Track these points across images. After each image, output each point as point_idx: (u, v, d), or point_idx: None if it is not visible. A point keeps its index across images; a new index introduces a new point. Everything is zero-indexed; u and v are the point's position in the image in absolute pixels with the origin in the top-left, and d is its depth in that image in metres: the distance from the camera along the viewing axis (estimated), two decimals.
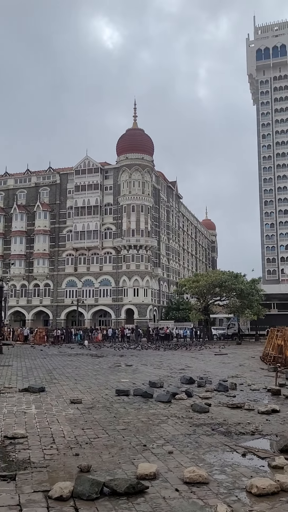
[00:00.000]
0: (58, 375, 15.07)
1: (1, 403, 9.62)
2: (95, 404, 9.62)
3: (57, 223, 62.71)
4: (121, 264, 58.48)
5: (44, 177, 65.02)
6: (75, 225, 60.88)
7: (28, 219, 63.81)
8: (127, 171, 59.05)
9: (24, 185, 65.76)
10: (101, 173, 61.37)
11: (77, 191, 61.47)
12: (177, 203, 77.29)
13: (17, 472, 5.19)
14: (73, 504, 4.32)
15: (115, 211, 60.54)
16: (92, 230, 60.16)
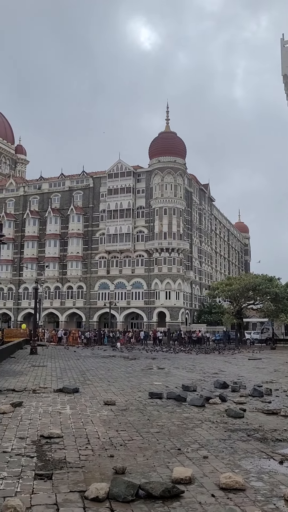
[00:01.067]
0: (91, 377, 15.21)
1: (37, 403, 9.79)
2: (129, 406, 9.64)
3: (90, 226, 63.45)
4: (153, 267, 58.53)
5: (77, 181, 65.96)
6: (108, 228, 61.41)
7: (62, 222, 64.87)
8: (160, 174, 59.12)
9: (58, 189, 66.91)
10: (133, 177, 61.69)
11: (109, 194, 62.02)
12: (210, 206, 76.72)
13: (53, 472, 5.26)
14: (109, 505, 4.33)
15: (147, 214, 60.71)
16: (124, 233, 60.52)
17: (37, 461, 5.67)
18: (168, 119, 62.73)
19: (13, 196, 69.69)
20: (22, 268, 66.38)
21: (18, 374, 15.79)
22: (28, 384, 12.94)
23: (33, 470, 5.30)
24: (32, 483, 4.88)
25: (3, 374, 14.68)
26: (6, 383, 13.02)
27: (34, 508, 4.20)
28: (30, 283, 63.94)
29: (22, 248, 66.90)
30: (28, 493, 4.56)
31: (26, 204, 67.98)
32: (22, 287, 66.47)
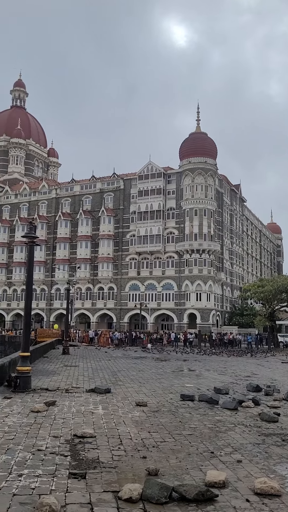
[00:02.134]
0: (122, 377, 15.27)
1: (69, 402, 9.91)
2: (160, 407, 9.62)
3: (120, 228, 63.84)
4: (184, 268, 58.30)
5: (108, 183, 66.52)
6: (138, 229, 61.61)
7: (93, 224, 65.56)
8: (190, 175, 58.88)
9: (89, 191, 67.68)
10: (163, 178, 61.68)
11: (140, 196, 62.23)
12: (241, 207, 75.81)
13: (87, 471, 5.31)
14: (143, 506, 4.33)
15: (177, 215, 60.56)
16: (154, 234, 60.57)
17: (71, 460, 5.73)
18: (198, 119, 62.46)
19: (46, 198, 70.97)
20: (54, 269, 67.47)
21: (51, 373, 16.03)
22: (61, 384, 13.12)
23: (67, 469, 5.36)
24: (66, 481, 4.94)
25: (36, 373, 14.93)
26: (39, 382, 13.23)
27: (69, 506, 4.25)
28: (62, 284, 64.93)
29: (54, 250, 68.01)
30: (63, 492, 4.61)
31: (58, 206, 69.10)
32: (54, 288, 67.55)
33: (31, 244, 12.70)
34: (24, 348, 12.16)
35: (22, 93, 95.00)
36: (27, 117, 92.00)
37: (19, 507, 4.16)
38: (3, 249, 72.48)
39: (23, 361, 11.82)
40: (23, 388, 11.34)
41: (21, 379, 11.45)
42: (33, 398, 10.44)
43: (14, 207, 73.51)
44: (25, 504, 4.24)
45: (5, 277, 71.83)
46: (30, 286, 12.61)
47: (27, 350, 12.20)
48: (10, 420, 7.88)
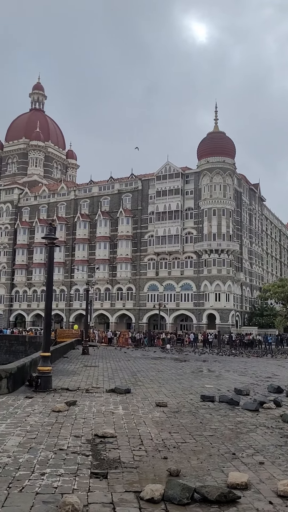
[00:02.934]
0: (142, 378, 15.28)
1: (90, 402, 9.97)
2: (180, 408, 9.60)
3: (139, 228, 63.94)
4: (202, 269, 58.06)
5: (126, 183, 66.72)
6: (157, 230, 61.61)
7: (111, 225, 65.83)
8: (208, 175, 58.60)
9: (107, 192, 68.00)
10: (181, 178, 61.55)
11: (158, 196, 62.23)
12: (260, 206, 75.08)
13: (108, 471, 5.33)
14: (164, 507, 4.33)
15: (196, 215, 60.35)
16: (173, 234, 60.49)
17: (92, 460, 5.77)
18: (216, 119, 62.12)
19: (65, 200, 71.59)
20: (73, 270, 67.99)
21: (71, 373, 16.15)
22: (81, 384, 13.21)
23: (89, 469, 5.39)
24: (88, 481, 4.97)
25: (57, 373, 15.07)
26: (60, 382, 13.35)
27: (91, 506, 4.27)
28: (81, 285, 65.39)
29: (73, 251, 68.53)
30: (85, 491, 4.64)
31: (77, 208, 69.61)
32: (73, 288, 68.06)
33: (51, 245, 12.82)
34: (45, 348, 12.28)
35: (40, 96, 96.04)
36: (45, 119, 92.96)
37: (42, 506, 4.20)
38: (23, 251, 73.38)
39: (44, 361, 11.95)
40: (44, 387, 11.46)
41: (42, 379, 11.57)
42: (54, 397, 10.54)
43: (33, 209, 74.35)
44: (48, 502, 4.28)
45: (25, 278, 72.70)
46: (50, 287, 12.74)
47: (48, 350, 12.32)
48: (32, 420, 7.98)
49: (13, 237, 74.87)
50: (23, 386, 12.01)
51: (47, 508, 4.15)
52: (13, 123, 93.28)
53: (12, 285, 74.19)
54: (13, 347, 49.97)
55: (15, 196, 76.75)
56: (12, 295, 74.15)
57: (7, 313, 73.79)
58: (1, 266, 75.81)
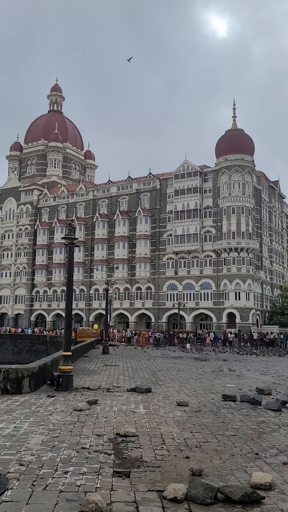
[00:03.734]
0: (162, 377, 15.28)
1: (111, 401, 10.01)
2: (202, 408, 9.56)
3: (157, 228, 63.89)
4: (222, 267, 57.67)
5: (144, 183, 66.73)
6: (175, 229, 61.47)
7: (130, 224, 65.95)
8: (227, 173, 58.16)
9: (125, 192, 68.13)
10: (200, 176, 61.25)
11: (176, 195, 62.07)
12: (280, 203, 74.19)
13: (131, 470, 5.34)
14: (188, 507, 4.31)
15: (214, 213, 59.98)
16: (192, 233, 60.25)
17: (115, 459, 5.78)
18: (235, 116, 61.60)
19: (83, 200, 72.03)
20: (93, 270, 68.36)
21: (92, 373, 16.25)
22: (102, 383, 13.28)
23: (111, 467, 5.41)
24: (111, 480, 4.99)
25: (78, 372, 15.17)
26: (81, 381, 13.44)
27: (114, 504, 4.28)
28: (100, 285, 65.72)
29: (92, 251, 68.91)
30: (108, 490, 4.66)
31: (96, 208, 69.97)
32: (93, 288, 68.45)
33: (71, 245, 12.91)
34: (66, 347, 12.38)
35: (58, 98, 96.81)
36: (64, 121, 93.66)
37: (66, 504, 4.24)
38: (43, 251, 74.14)
39: (65, 360, 12.05)
40: (66, 386, 11.56)
41: (64, 378, 11.67)
42: (76, 396, 10.62)
43: (52, 210, 75.03)
44: (72, 501, 4.32)
45: (45, 278, 73.43)
46: (70, 287, 12.83)
47: (69, 349, 12.42)
48: (54, 418, 8.05)
49: (33, 237, 75.71)
50: (45, 385, 12.14)
51: (70, 506, 4.18)
52: (32, 125, 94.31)
53: (33, 285, 75.05)
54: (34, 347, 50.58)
55: (35, 197, 77.59)
56: (33, 295, 75.00)
57: (28, 313, 74.69)
58: (22, 267, 76.75)
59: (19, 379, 10.81)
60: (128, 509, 4.20)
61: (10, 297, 77.17)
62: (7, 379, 10.70)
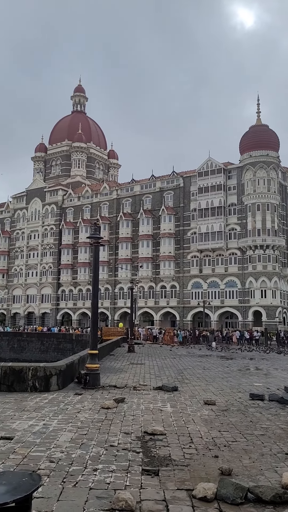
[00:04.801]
0: (189, 376, 15.22)
1: (138, 400, 10.04)
2: (229, 407, 9.48)
3: (181, 226, 63.68)
4: (247, 265, 57.04)
5: (168, 181, 66.60)
6: (199, 227, 61.13)
7: (154, 223, 65.95)
8: (251, 170, 57.47)
9: (149, 190, 68.16)
10: (224, 174, 60.71)
11: (200, 193, 61.70)
12: None
13: (159, 468, 5.34)
14: (218, 506, 4.28)
15: (239, 211, 59.36)
16: (216, 231, 59.80)
17: (143, 457, 5.80)
18: (259, 111, 60.80)
19: (107, 199, 72.44)
20: (117, 268, 68.69)
21: (118, 371, 16.34)
22: (128, 381, 13.33)
23: (140, 465, 5.43)
24: (140, 478, 5.00)
25: (104, 370, 15.27)
26: (107, 379, 13.53)
27: (144, 502, 4.29)
28: (125, 283, 66.00)
29: (117, 250, 69.24)
30: (137, 488, 4.68)
31: (119, 207, 70.25)
32: (117, 287, 68.79)
33: (96, 244, 13.00)
34: (92, 346, 12.48)
35: (82, 98, 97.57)
36: (87, 121, 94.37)
37: (96, 501, 4.27)
38: (68, 251, 74.94)
39: (92, 358, 12.15)
40: (93, 384, 11.66)
41: (91, 376, 11.77)
42: (103, 394, 10.70)
43: (77, 210, 75.74)
44: (102, 498, 4.35)
45: (71, 277, 74.22)
46: (96, 286, 12.92)
47: (96, 348, 12.51)
48: (82, 416, 8.13)
49: (58, 237, 76.62)
50: (72, 383, 12.27)
51: (101, 504, 4.22)
52: (56, 126, 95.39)
53: (58, 284, 75.96)
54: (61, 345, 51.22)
55: (59, 197, 78.48)
56: (59, 294, 75.93)
57: (54, 312, 75.67)
58: (48, 266, 77.78)
59: (47, 377, 10.96)
60: (158, 507, 4.20)
61: (37, 296, 78.34)
62: (35, 377, 10.86)
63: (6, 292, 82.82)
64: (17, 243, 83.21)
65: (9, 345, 58.63)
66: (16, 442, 6.22)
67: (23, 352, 54.06)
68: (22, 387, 10.76)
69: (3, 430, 6.88)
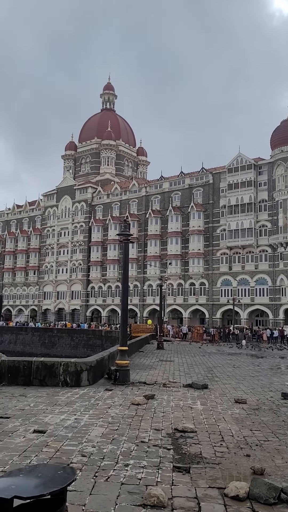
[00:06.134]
0: (219, 374, 15.12)
1: (168, 397, 10.04)
2: (261, 405, 9.36)
3: (210, 223, 63.13)
4: (278, 262, 56.01)
5: (197, 178, 66.09)
6: (229, 223, 60.44)
7: (182, 220, 65.63)
8: (283, 165, 56.32)
9: (178, 187, 67.84)
10: (254, 169, 59.75)
11: (230, 189, 60.95)
12: None
13: (190, 466, 5.33)
14: (250, 505, 4.24)
15: (270, 207, 58.31)
16: (246, 228, 58.97)
17: (174, 454, 5.80)
18: None
19: (136, 197, 72.56)
20: (146, 266, 68.78)
21: (148, 368, 16.38)
22: (157, 378, 13.35)
23: (171, 462, 5.43)
24: (171, 474, 5.00)
25: (133, 367, 15.34)
26: (137, 376, 13.59)
27: (175, 499, 4.29)
28: (153, 280, 66.01)
29: (146, 247, 69.30)
30: (168, 484, 4.68)
31: (148, 204, 70.25)
32: (146, 284, 68.90)
33: (126, 241, 13.06)
34: (122, 342, 12.56)
35: (111, 96, 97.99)
36: (116, 118, 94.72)
37: (128, 496, 4.30)
38: (97, 248, 75.55)
39: (122, 355, 12.22)
40: (122, 381, 11.74)
41: (121, 372, 11.85)
42: (133, 391, 10.75)
43: (106, 207, 76.21)
44: (133, 493, 4.37)
45: (100, 274, 74.81)
46: (126, 283, 12.99)
47: (125, 344, 12.59)
48: (112, 411, 8.20)
49: (87, 235, 77.32)
50: (102, 378, 12.39)
51: (132, 499, 4.24)
52: (85, 125, 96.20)
53: (88, 281, 76.72)
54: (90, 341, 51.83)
55: (89, 195, 79.14)
56: (88, 290, 76.70)
57: (84, 308, 76.52)
58: (77, 263, 78.68)
59: (78, 372, 11.10)
60: (190, 504, 4.20)
61: (67, 293, 79.39)
62: (66, 372, 11.02)
63: (37, 289, 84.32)
64: (47, 240, 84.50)
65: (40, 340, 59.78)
66: (49, 436, 6.33)
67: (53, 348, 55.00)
68: (54, 382, 10.94)
69: (36, 423, 7.02)
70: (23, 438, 6.15)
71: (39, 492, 2.54)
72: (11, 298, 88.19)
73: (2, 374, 10.97)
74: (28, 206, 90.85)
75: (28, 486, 2.61)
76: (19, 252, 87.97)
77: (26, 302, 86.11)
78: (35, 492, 2.53)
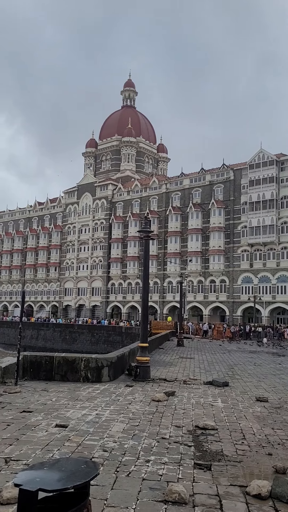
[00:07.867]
0: (239, 371, 15.02)
1: (188, 394, 10.03)
2: (283, 404, 9.26)
3: (231, 220, 62.61)
4: None
5: (217, 174, 65.60)
6: (250, 220, 59.83)
7: (203, 217, 65.27)
8: None
9: (198, 184, 67.47)
10: (276, 165, 58.95)
11: (251, 186, 60.31)
12: None
13: (212, 463, 5.31)
14: (273, 504, 4.20)
15: None
16: (267, 225, 58.28)
17: (195, 451, 5.79)
18: None
19: (156, 193, 72.47)
20: (166, 262, 68.70)
21: (168, 364, 16.39)
22: (178, 375, 13.34)
23: (192, 459, 5.42)
24: (192, 471, 5.00)
25: (154, 364, 15.37)
26: (157, 372, 13.61)
27: (197, 496, 4.29)
28: (174, 277, 65.89)
29: (166, 244, 69.20)
30: (190, 481, 4.68)
31: (169, 201, 70.09)
32: (166, 281, 68.84)
33: (147, 238, 13.05)
34: (142, 339, 12.59)
35: (132, 93, 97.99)
36: (136, 115, 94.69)
37: (149, 492, 4.32)
38: (117, 245, 75.83)
39: (142, 351, 12.26)
40: (143, 377, 11.77)
41: (141, 369, 11.89)
42: (153, 387, 10.77)
43: (126, 204, 76.37)
44: (155, 489, 4.39)
45: (120, 271, 75.10)
46: (146, 280, 13.00)
47: (146, 341, 12.62)
48: (133, 408, 8.23)
49: (108, 231, 77.67)
50: (122, 375, 12.45)
51: (154, 495, 4.25)
52: (106, 122, 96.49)
53: (108, 277, 77.11)
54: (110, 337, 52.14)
55: (109, 192, 79.43)
56: (108, 287, 77.10)
57: (104, 305, 76.97)
58: (98, 260, 79.15)
59: (98, 368, 11.18)
60: (211, 502, 4.18)
61: (87, 289, 79.98)
62: (87, 368, 11.12)
63: (58, 285, 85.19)
64: (68, 237, 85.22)
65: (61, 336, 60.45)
66: (71, 430, 6.40)
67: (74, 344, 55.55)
68: (75, 377, 11.05)
69: (58, 418, 7.10)
70: (45, 432, 6.24)
71: (63, 485, 2.56)
72: (32, 294, 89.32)
73: (25, 369, 11.14)
74: (50, 203, 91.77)
75: (52, 479, 2.64)
76: (40, 249, 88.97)
77: (47, 298, 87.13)
78: (59, 485, 2.56)
